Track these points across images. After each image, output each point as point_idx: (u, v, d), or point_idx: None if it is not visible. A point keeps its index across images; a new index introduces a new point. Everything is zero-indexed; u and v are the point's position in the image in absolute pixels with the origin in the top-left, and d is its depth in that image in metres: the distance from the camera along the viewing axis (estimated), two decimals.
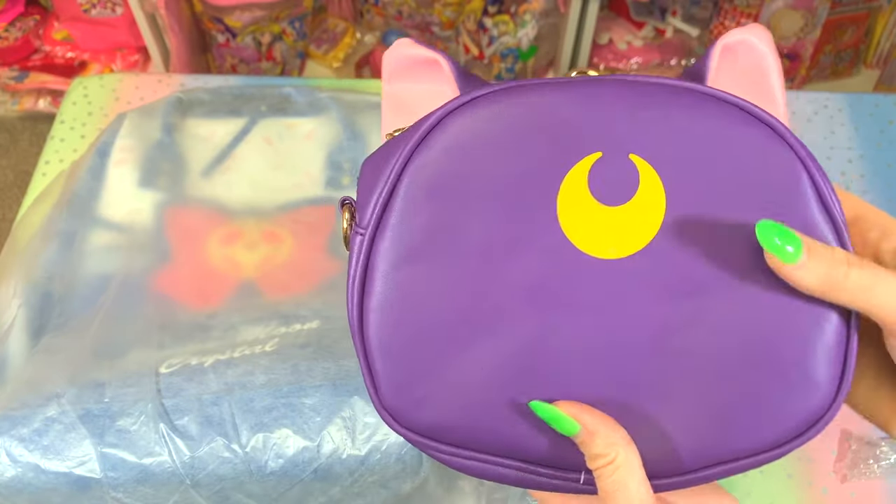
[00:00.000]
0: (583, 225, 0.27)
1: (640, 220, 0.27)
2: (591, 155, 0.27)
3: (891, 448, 0.54)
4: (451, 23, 1.36)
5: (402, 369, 0.29)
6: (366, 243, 0.28)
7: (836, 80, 1.39)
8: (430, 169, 0.28)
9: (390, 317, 0.28)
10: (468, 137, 0.28)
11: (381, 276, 0.28)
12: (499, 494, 0.48)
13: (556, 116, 0.28)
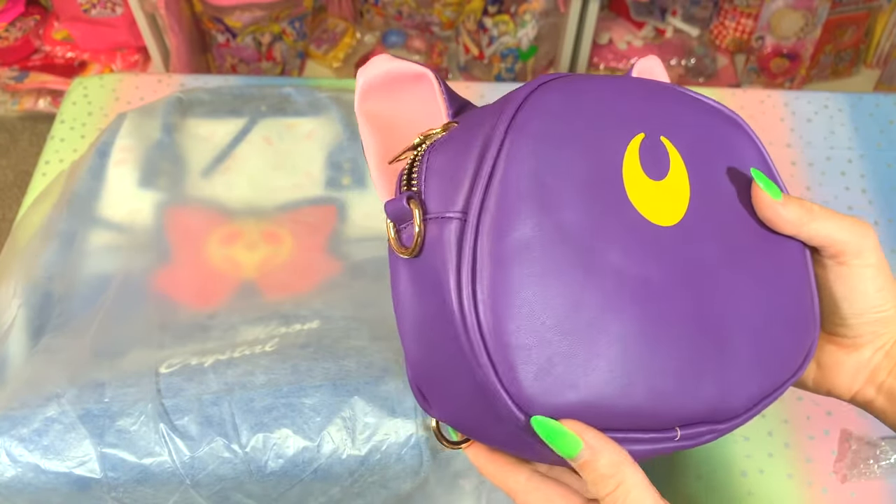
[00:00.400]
0: (643, 197, 0.30)
1: (676, 192, 0.31)
2: (638, 135, 0.31)
3: (891, 448, 0.54)
4: (451, 23, 1.36)
5: (538, 354, 0.26)
6: (470, 227, 0.26)
7: (837, 80, 1.39)
8: (527, 149, 0.28)
9: (515, 302, 0.26)
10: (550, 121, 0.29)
11: (496, 261, 0.26)
12: (499, 494, 0.48)
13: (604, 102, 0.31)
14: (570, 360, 0.27)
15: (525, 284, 0.26)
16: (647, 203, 0.30)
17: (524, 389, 0.26)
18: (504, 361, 0.26)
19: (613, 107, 0.31)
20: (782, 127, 0.73)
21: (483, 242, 0.26)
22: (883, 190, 0.69)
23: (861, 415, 0.56)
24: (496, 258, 0.26)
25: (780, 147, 0.72)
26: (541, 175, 0.28)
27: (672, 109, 0.33)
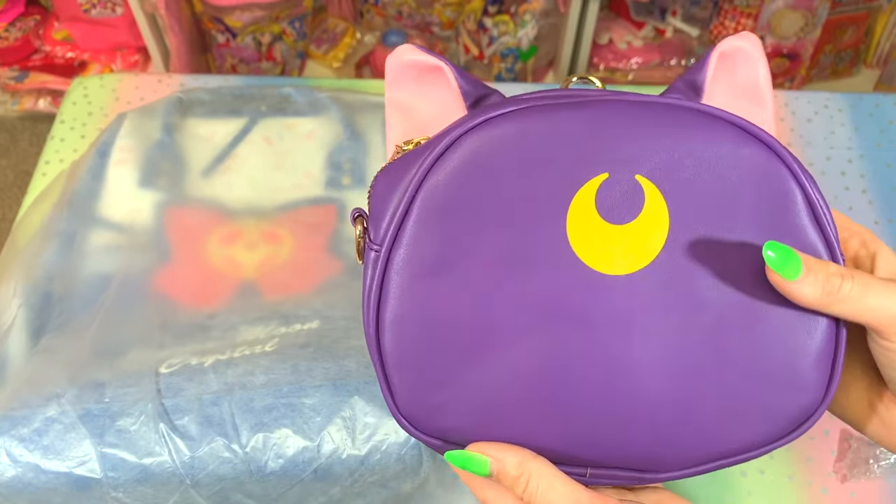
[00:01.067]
0: (591, 243, 0.29)
1: (646, 237, 0.29)
2: (598, 176, 0.29)
3: None
4: (451, 23, 1.36)
5: (418, 379, 0.30)
6: (381, 259, 0.29)
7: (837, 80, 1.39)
8: (444, 189, 0.29)
9: (406, 330, 0.30)
10: (481, 158, 0.29)
11: (397, 291, 0.29)
12: None
13: (564, 138, 0.29)
14: (438, 392, 0.30)
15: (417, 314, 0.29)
16: (593, 248, 0.29)
17: (405, 408, 0.31)
18: (395, 382, 0.30)
19: (572, 144, 0.29)
20: (782, 127, 0.73)
21: (392, 273, 0.29)
22: (883, 190, 0.69)
23: None
24: (402, 291, 0.29)
25: None
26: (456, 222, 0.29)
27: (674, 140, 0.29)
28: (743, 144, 0.29)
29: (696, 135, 0.29)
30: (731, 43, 0.32)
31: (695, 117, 0.29)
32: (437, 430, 0.31)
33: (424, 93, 0.34)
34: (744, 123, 0.29)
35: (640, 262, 0.29)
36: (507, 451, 0.29)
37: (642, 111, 0.29)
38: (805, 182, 0.29)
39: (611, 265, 0.29)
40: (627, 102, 0.29)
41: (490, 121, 0.29)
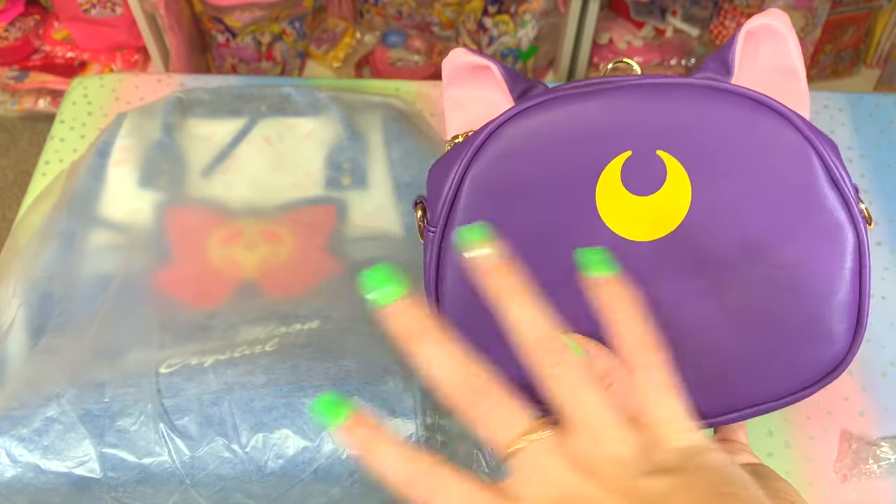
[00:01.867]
0: (620, 213, 0.32)
1: (670, 206, 0.31)
2: (622, 153, 0.32)
3: (891, 448, 0.54)
4: (451, 23, 1.36)
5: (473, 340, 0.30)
6: (437, 239, 0.33)
7: (837, 80, 1.39)
8: (487, 174, 0.32)
9: (460, 299, 0.33)
10: (518, 145, 0.32)
11: (452, 266, 0.33)
12: None
13: (591, 123, 0.32)
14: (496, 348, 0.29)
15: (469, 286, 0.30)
16: (621, 219, 0.32)
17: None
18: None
19: (597, 127, 0.31)
20: None
21: (446, 251, 0.33)
22: (883, 190, 0.69)
23: (861, 414, 0.57)
24: (454, 264, 0.33)
25: None
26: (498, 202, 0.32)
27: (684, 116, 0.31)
28: (756, 115, 0.31)
29: (712, 109, 0.31)
30: (759, 20, 0.35)
31: (708, 93, 0.31)
32: None
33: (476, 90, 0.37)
34: (756, 95, 0.31)
35: (665, 229, 0.31)
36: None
37: (660, 92, 0.31)
38: (819, 146, 0.30)
39: (639, 232, 0.32)
40: (647, 86, 0.32)
41: (523, 112, 0.32)
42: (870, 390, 0.58)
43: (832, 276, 0.31)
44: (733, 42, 0.35)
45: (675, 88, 0.31)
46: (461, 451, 0.46)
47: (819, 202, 0.31)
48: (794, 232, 0.31)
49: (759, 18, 0.35)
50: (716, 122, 0.31)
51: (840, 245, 0.31)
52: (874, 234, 0.66)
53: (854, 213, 0.31)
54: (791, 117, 0.31)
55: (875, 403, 0.57)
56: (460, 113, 0.38)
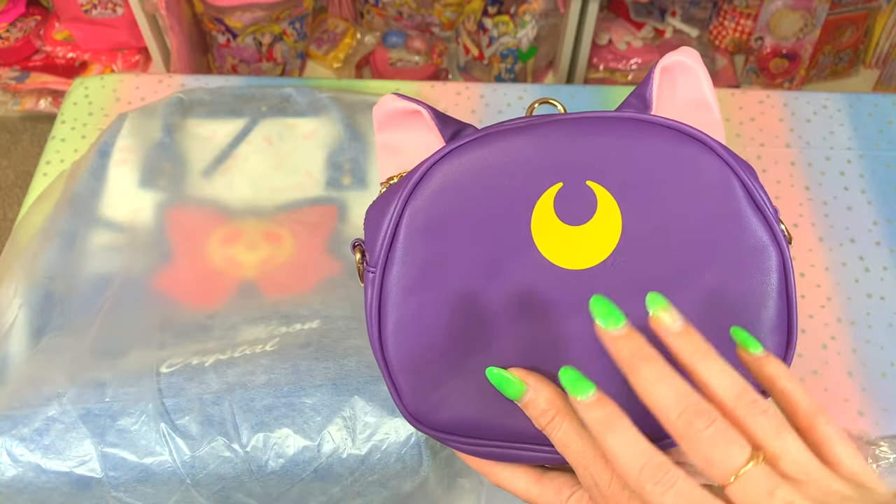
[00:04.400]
0: (554, 243, 0.33)
1: (602, 234, 0.33)
2: (554, 185, 0.33)
3: (890, 448, 0.54)
4: (451, 23, 1.36)
5: (420, 379, 0.34)
6: (377, 280, 0.34)
7: (836, 81, 1.39)
8: (422, 213, 0.34)
9: (405, 337, 0.34)
10: (452, 181, 0.33)
11: (393, 305, 0.34)
12: (498, 493, 0.48)
13: (522, 157, 0.33)
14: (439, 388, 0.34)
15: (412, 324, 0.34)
16: (556, 248, 0.33)
17: (412, 407, 0.34)
18: (401, 384, 0.34)
19: (528, 161, 0.33)
20: (781, 127, 0.73)
21: (388, 290, 0.34)
22: (882, 190, 0.69)
23: (861, 414, 0.57)
24: (397, 305, 0.34)
25: (779, 147, 0.72)
26: (435, 239, 0.33)
27: (611, 148, 0.33)
28: (679, 144, 0.33)
29: (636, 140, 0.33)
30: (672, 58, 0.36)
31: (633, 125, 0.33)
32: (443, 423, 0.34)
33: (408, 134, 0.38)
34: (677, 125, 0.33)
35: (598, 257, 0.33)
36: (544, 385, 0.32)
37: (587, 126, 0.33)
38: (739, 171, 0.32)
39: (574, 261, 0.33)
40: (572, 120, 0.33)
41: (456, 150, 0.33)
42: (869, 391, 0.58)
43: (760, 293, 0.33)
44: (650, 78, 0.36)
45: (600, 122, 0.33)
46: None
47: (742, 224, 0.32)
48: (721, 254, 0.33)
49: (671, 56, 0.36)
50: (641, 152, 0.33)
51: (764, 263, 0.33)
52: (873, 235, 0.66)
53: (776, 232, 0.33)
54: (711, 144, 0.32)
55: (874, 403, 0.57)
56: (393, 157, 0.38)
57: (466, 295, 0.34)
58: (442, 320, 0.34)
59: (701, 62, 0.37)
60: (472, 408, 0.34)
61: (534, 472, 0.34)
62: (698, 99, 0.37)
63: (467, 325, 0.34)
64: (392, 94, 0.38)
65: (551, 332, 0.33)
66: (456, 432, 0.34)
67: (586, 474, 0.30)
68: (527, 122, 0.34)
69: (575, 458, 0.31)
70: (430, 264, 0.34)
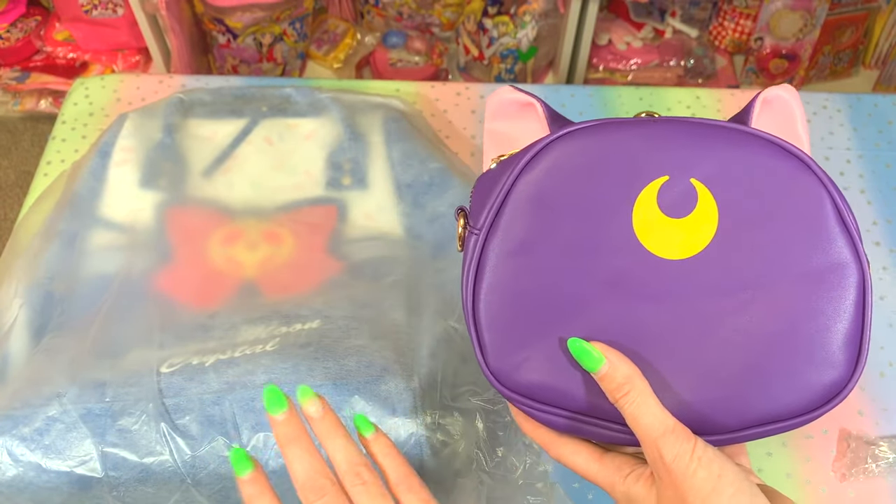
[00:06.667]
0: (652, 232, 0.35)
1: (698, 229, 0.35)
2: (659, 178, 0.35)
3: (889, 447, 0.54)
4: (451, 24, 1.36)
5: (505, 340, 0.36)
6: (480, 241, 0.36)
7: (835, 81, 1.39)
8: (534, 185, 0.36)
9: (497, 298, 0.36)
10: (564, 162, 0.36)
11: (491, 267, 0.36)
12: (499, 493, 0.48)
13: (633, 148, 0.36)
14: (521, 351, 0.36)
15: (507, 286, 0.36)
16: (654, 237, 0.35)
17: (493, 365, 0.36)
18: (486, 342, 0.36)
19: (638, 152, 0.35)
20: None
21: (488, 252, 0.36)
22: (882, 190, 0.69)
23: (860, 414, 0.57)
24: (495, 267, 0.36)
25: None
26: (542, 210, 0.36)
27: (716, 152, 0.35)
28: (780, 158, 0.35)
29: (742, 148, 0.35)
30: (773, 92, 0.39)
31: (740, 135, 0.35)
32: (520, 385, 0.36)
33: (518, 124, 0.41)
34: (781, 142, 0.35)
35: (693, 249, 0.35)
36: (622, 360, 0.34)
37: (697, 129, 0.36)
38: (832, 191, 0.35)
39: (669, 251, 0.35)
40: (684, 122, 0.36)
41: (571, 133, 0.36)
42: (869, 390, 0.58)
43: (837, 307, 0.34)
44: (751, 106, 0.39)
45: (711, 128, 0.36)
46: (461, 450, 0.47)
47: (829, 240, 0.34)
48: (805, 265, 0.34)
49: (773, 90, 0.39)
50: (745, 160, 0.35)
51: (846, 279, 0.34)
52: (872, 235, 0.66)
53: (860, 251, 0.35)
54: (810, 163, 0.35)
55: (874, 403, 0.57)
56: (501, 144, 0.41)
57: (562, 267, 0.35)
58: (535, 287, 0.35)
59: (799, 100, 0.40)
60: (549, 375, 0.35)
61: (595, 450, 0.36)
62: (791, 132, 0.39)
63: (558, 295, 0.35)
64: (508, 86, 0.41)
65: (636, 313, 0.35)
66: (531, 395, 0.36)
67: (653, 448, 0.32)
68: (639, 120, 0.36)
69: (644, 431, 0.33)
70: (533, 233, 0.36)
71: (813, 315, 0.34)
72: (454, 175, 0.63)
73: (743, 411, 0.34)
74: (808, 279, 0.34)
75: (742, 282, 0.35)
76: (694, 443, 0.32)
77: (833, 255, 0.34)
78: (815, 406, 0.35)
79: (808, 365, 0.34)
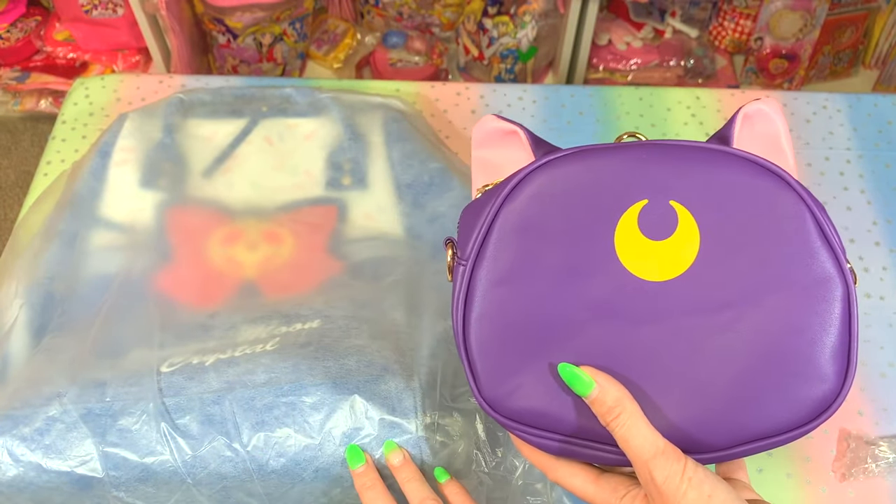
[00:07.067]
0: (635, 255, 0.36)
1: (680, 250, 0.35)
2: (639, 202, 0.36)
3: (889, 447, 0.55)
4: (451, 24, 1.36)
5: (497, 367, 0.36)
6: (468, 271, 0.37)
7: (835, 81, 1.39)
8: (517, 213, 0.36)
9: (487, 327, 0.36)
10: (547, 190, 0.36)
11: (480, 296, 0.36)
12: (499, 494, 0.48)
13: (612, 173, 0.36)
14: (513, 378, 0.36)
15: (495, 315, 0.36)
16: (637, 260, 0.35)
17: (486, 392, 0.36)
18: (478, 370, 0.36)
19: (617, 178, 0.36)
20: None
21: (476, 282, 0.37)
22: (882, 190, 0.69)
23: (860, 414, 0.57)
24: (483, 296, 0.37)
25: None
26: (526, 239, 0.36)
27: (695, 173, 0.35)
28: (759, 176, 0.35)
29: (720, 169, 0.35)
30: (754, 106, 0.39)
31: (717, 155, 0.36)
32: (514, 412, 0.36)
33: (503, 151, 0.41)
34: (759, 160, 0.35)
35: (677, 270, 0.35)
36: (612, 384, 0.34)
37: (675, 151, 0.36)
38: (813, 207, 0.35)
39: (653, 273, 0.35)
40: (662, 146, 0.36)
41: (552, 161, 0.36)
42: (869, 390, 0.58)
43: (823, 321, 0.34)
44: (732, 122, 0.39)
45: (688, 150, 0.36)
46: (461, 451, 0.47)
47: (811, 256, 0.35)
48: (789, 281, 0.35)
49: (753, 105, 0.39)
50: (723, 179, 0.35)
51: (830, 293, 0.35)
52: (872, 235, 0.66)
53: (843, 266, 0.35)
54: (789, 180, 0.35)
55: (874, 403, 0.57)
56: (488, 171, 0.42)
57: (549, 294, 0.36)
58: (523, 314, 0.36)
59: (781, 113, 0.40)
60: (542, 400, 0.36)
61: (592, 471, 0.37)
62: (773, 146, 0.39)
63: (546, 321, 0.36)
64: (492, 115, 0.42)
65: (624, 337, 0.35)
66: (524, 422, 0.36)
67: (644, 470, 0.33)
68: (618, 145, 0.37)
69: (635, 453, 0.33)
70: (519, 262, 0.36)
71: (799, 330, 0.34)
72: (454, 175, 0.63)
73: (733, 429, 0.35)
74: (793, 294, 0.35)
75: (726, 300, 0.35)
76: (684, 463, 0.33)
77: (816, 269, 0.35)
78: (806, 420, 0.35)
79: (796, 379, 0.34)
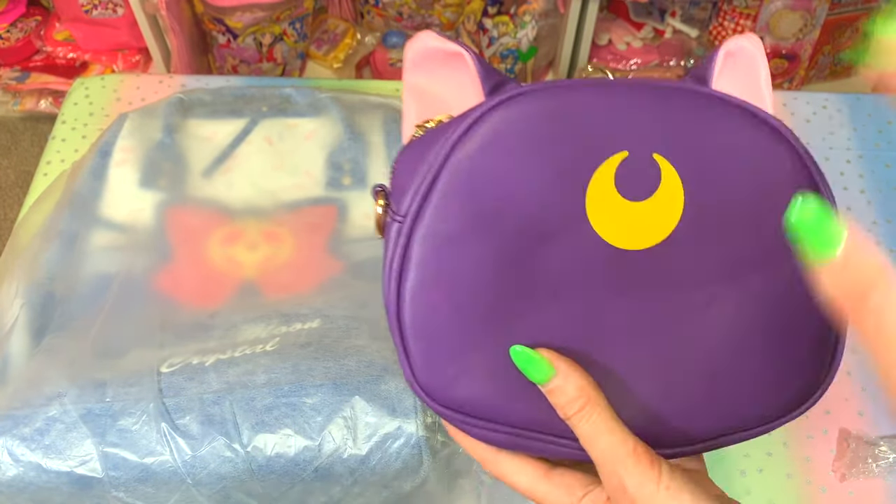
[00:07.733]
0: (609, 219, 0.29)
1: (661, 213, 0.29)
2: (617, 154, 0.29)
3: (889, 447, 0.54)
4: (451, 24, 1.36)
5: (436, 349, 0.30)
6: (405, 230, 0.29)
7: (835, 81, 1.39)
8: (470, 161, 0.29)
9: (426, 300, 0.29)
10: (506, 133, 0.29)
11: (419, 260, 0.29)
12: (499, 493, 0.48)
13: (587, 118, 0.29)
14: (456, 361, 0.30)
15: (437, 282, 0.29)
16: (611, 224, 0.29)
17: (423, 379, 0.30)
18: (414, 353, 0.30)
19: (593, 122, 0.29)
20: None
21: (414, 242, 0.29)
22: (882, 190, 0.69)
23: (860, 414, 0.57)
24: (424, 261, 0.29)
25: None
26: (479, 194, 0.29)
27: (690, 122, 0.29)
28: (752, 127, 0.30)
29: (710, 117, 0.29)
30: (736, 42, 0.33)
31: (709, 102, 0.30)
32: (456, 401, 0.30)
33: (443, 78, 0.34)
34: (753, 109, 0.30)
35: (656, 237, 0.29)
36: (575, 371, 0.29)
37: (661, 94, 0.30)
38: (808, 163, 0.30)
39: (628, 240, 0.29)
40: (647, 87, 0.30)
41: (514, 98, 0.29)
42: (869, 390, 0.58)
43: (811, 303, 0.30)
44: (712, 61, 0.33)
45: (677, 93, 0.30)
46: (461, 450, 0.47)
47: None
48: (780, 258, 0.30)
49: (736, 41, 0.33)
50: (716, 131, 0.29)
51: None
52: (873, 235, 0.66)
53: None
54: (786, 133, 0.30)
55: (874, 403, 0.57)
56: (424, 102, 0.34)
57: (503, 260, 0.29)
58: (472, 285, 0.29)
59: (763, 52, 0.34)
60: (490, 387, 0.30)
61: (541, 466, 0.31)
62: (752, 90, 0.33)
63: (499, 294, 0.29)
64: (430, 31, 0.34)
65: (591, 314, 0.30)
66: (467, 412, 0.30)
67: (612, 474, 0.28)
68: (594, 81, 0.30)
69: (602, 455, 0.28)
70: (469, 222, 0.29)
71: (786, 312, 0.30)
72: None
73: (710, 418, 0.31)
74: (783, 272, 0.29)
75: (710, 274, 0.30)
76: (659, 470, 0.28)
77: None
78: (787, 410, 0.31)
79: (779, 366, 0.30)
